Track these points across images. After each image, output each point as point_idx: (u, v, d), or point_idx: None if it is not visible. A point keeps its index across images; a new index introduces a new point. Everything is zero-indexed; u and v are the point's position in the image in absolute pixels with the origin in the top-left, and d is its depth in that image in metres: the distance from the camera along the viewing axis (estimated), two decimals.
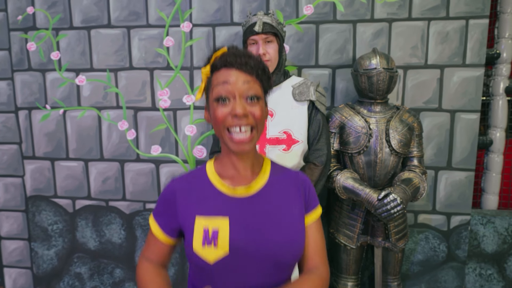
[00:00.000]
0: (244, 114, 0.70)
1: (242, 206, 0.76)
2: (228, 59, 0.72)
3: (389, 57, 1.45)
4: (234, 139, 0.71)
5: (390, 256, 1.55)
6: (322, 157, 1.37)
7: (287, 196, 0.80)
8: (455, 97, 1.68)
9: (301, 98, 1.37)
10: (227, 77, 0.71)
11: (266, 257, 0.74)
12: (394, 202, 1.30)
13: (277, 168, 0.84)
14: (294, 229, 0.78)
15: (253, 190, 0.78)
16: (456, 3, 1.62)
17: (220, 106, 0.71)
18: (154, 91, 1.86)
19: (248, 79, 0.71)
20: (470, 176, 1.72)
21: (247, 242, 0.73)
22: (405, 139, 1.46)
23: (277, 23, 1.35)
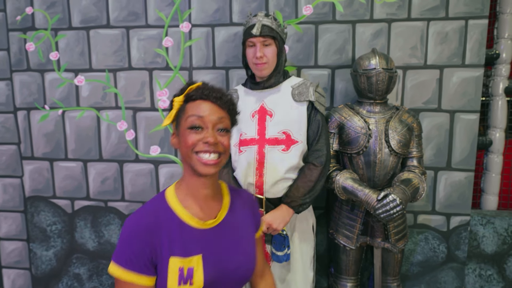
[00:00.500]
0: (215, 143, 0.77)
1: (212, 238, 0.80)
2: (205, 92, 0.79)
3: (389, 58, 1.44)
4: (203, 161, 0.77)
5: (390, 257, 1.54)
6: (321, 157, 1.37)
7: (245, 220, 0.87)
8: (455, 97, 1.68)
9: (300, 98, 1.36)
10: (203, 108, 0.78)
11: (236, 282, 0.81)
12: (394, 202, 1.29)
13: (233, 191, 0.90)
14: (253, 249, 0.87)
15: (219, 219, 0.82)
16: (456, 4, 1.62)
17: (193, 133, 0.77)
18: (153, 92, 1.85)
19: (221, 114, 0.80)
20: (469, 177, 1.72)
21: (220, 274, 0.78)
22: (405, 139, 1.46)
23: (277, 25, 1.34)
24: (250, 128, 1.38)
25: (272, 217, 1.31)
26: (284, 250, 1.35)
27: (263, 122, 1.37)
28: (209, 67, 1.80)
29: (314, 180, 1.35)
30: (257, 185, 1.36)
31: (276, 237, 1.35)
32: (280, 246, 1.35)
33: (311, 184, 1.34)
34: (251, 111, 1.40)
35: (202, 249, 0.77)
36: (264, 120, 1.37)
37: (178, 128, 0.81)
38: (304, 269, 1.42)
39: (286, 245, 1.35)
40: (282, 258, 1.35)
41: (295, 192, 1.33)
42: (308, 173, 1.36)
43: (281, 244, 1.35)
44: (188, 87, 0.81)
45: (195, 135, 0.77)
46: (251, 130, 1.38)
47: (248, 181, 1.38)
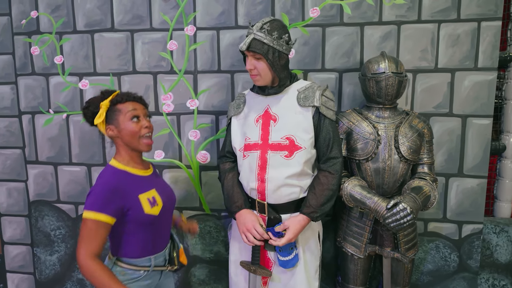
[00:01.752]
0: (150, 126, 1.22)
1: (154, 179, 1.27)
2: (130, 95, 1.21)
3: (398, 61, 1.40)
4: (147, 143, 1.21)
5: (399, 266, 1.50)
6: (336, 165, 1.33)
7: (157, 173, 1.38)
8: (467, 101, 1.63)
9: (305, 103, 1.31)
10: (134, 106, 1.20)
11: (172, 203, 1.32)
12: (404, 211, 1.25)
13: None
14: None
15: (151, 170, 1.31)
16: (468, 5, 1.57)
17: (134, 123, 1.17)
18: (158, 96, 1.83)
19: (143, 107, 1.24)
20: (482, 183, 1.66)
21: (167, 197, 1.27)
22: (415, 145, 1.41)
23: (272, 38, 1.24)
24: (254, 133, 1.35)
25: (293, 233, 1.28)
26: (292, 252, 1.31)
27: (267, 127, 1.34)
28: (214, 70, 1.77)
29: (332, 189, 1.31)
30: (259, 191, 1.34)
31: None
32: (288, 249, 1.31)
33: (329, 192, 1.30)
34: (256, 115, 1.37)
35: (153, 185, 1.24)
36: (268, 125, 1.34)
37: (114, 122, 1.18)
38: (308, 279, 1.37)
39: (293, 246, 1.31)
40: (292, 262, 1.31)
41: (314, 202, 1.29)
42: (324, 181, 1.31)
43: (289, 247, 1.31)
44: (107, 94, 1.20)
45: (136, 124, 1.17)
46: (255, 135, 1.35)
47: (251, 186, 1.36)
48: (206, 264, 1.92)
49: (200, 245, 1.91)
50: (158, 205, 1.20)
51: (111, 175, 1.17)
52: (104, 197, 1.10)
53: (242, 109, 1.43)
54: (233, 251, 1.48)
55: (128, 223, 1.16)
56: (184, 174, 1.86)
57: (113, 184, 1.13)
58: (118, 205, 1.12)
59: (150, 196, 1.19)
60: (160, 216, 1.21)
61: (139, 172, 1.22)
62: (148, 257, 1.21)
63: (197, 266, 1.93)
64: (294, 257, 1.31)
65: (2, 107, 1.98)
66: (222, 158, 1.51)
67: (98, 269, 1.07)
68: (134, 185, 1.18)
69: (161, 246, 1.26)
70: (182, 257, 1.34)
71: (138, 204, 1.15)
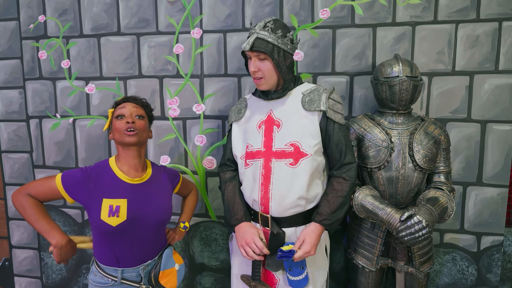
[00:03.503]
0: (132, 122, 1.19)
1: (137, 190, 1.21)
2: (125, 98, 1.27)
3: (413, 64, 1.33)
4: (127, 134, 1.18)
5: (413, 280, 1.42)
6: (351, 170, 1.26)
7: (161, 182, 1.31)
8: (486, 106, 1.54)
9: (310, 107, 1.23)
10: (124, 105, 1.23)
11: (155, 220, 1.22)
12: (419, 225, 1.17)
13: (154, 166, 1.34)
14: (169, 200, 1.31)
15: (143, 180, 1.24)
16: (488, 4, 1.48)
17: (118, 120, 1.20)
18: (164, 100, 1.80)
19: (136, 106, 1.24)
20: (503, 193, 1.56)
21: (140, 212, 1.18)
22: (431, 153, 1.33)
23: (277, 37, 1.18)
24: (256, 140, 1.28)
25: (310, 244, 1.19)
26: (303, 272, 1.24)
27: (270, 133, 1.26)
28: (220, 74, 1.73)
29: (345, 195, 1.24)
30: (262, 203, 1.25)
31: (291, 261, 1.22)
32: (299, 268, 1.24)
33: (342, 199, 1.23)
34: (258, 121, 1.29)
35: (127, 195, 1.18)
36: (271, 131, 1.26)
37: (111, 125, 1.23)
38: None
39: (304, 266, 1.24)
40: (303, 282, 1.24)
41: (326, 209, 1.22)
42: (338, 187, 1.24)
43: (300, 266, 1.24)
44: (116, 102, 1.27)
45: (118, 121, 1.20)
46: (257, 141, 1.27)
47: (253, 197, 1.27)
48: (212, 272, 1.87)
49: (206, 253, 1.86)
50: (119, 217, 1.14)
51: (95, 167, 1.21)
52: (75, 179, 1.16)
53: (243, 114, 1.36)
54: (234, 265, 1.40)
55: (90, 220, 1.18)
56: (189, 178, 1.82)
57: (90, 174, 1.18)
58: (79, 194, 1.16)
59: (115, 204, 1.15)
60: (118, 230, 1.14)
61: (123, 176, 1.20)
62: (114, 267, 1.20)
63: (203, 274, 1.88)
64: (305, 277, 1.24)
65: (10, 112, 1.98)
66: (223, 167, 1.44)
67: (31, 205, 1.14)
68: (107, 187, 1.17)
69: (131, 263, 1.21)
70: (165, 280, 1.25)
71: (98, 206, 1.14)
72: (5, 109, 1.98)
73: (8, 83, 1.96)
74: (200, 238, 1.86)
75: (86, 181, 1.16)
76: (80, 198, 1.16)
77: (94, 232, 1.20)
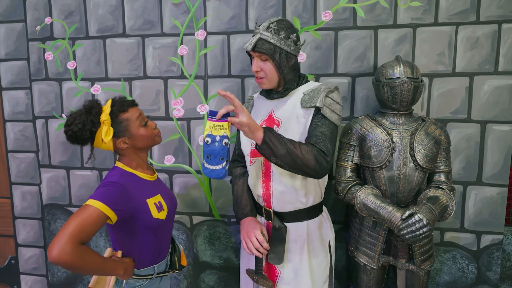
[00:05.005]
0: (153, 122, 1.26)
1: (159, 184, 1.29)
2: (127, 102, 1.18)
3: (414, 66, 1.35)
4: (159, 135, 1.25)
5: (414, 278, 1.44)
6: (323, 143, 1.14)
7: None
8: (486, 107, 1.56)
9: (307, 104, 1.22)
10: (135, 110, 1.19)
11: (174, 207, 1.31)
12: (420, 223, 1.19)
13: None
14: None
15: (156, 175, 1.31)
16: (488, 6, 1.51)
17: (144, 128, 1.19)
18: (168, 100, 1.83)
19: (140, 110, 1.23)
20: (502, 192, 1.59)
21: (170, 202, 1.28)
22: (431, 153, 1.36)
23: (280, 38, 1.18)
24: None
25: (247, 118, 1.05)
26: (222, 163, 1.10)
27: None
28: (224, 75, 1.76)
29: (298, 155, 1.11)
30: (265, 198, 1.31)
31: (212, 146, 1.09)
32: (218, 159, 1.10)
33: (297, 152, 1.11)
34: (260, 120, 1.32)
35: (158, 190, 1.24)
36: None
37: (125, 133, 1.15)
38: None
39: (224, 158, 1.10)
40: (219, 173, 1.11)
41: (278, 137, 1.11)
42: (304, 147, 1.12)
43: (219, 157, 1.09)
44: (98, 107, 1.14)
45: (146, 128, 1.19)
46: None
47: (257, 193, 1.34)
48: (216, 270, 1.90)
49: (209, 251, 1.89)
50: (164, 210, 1.21)
51: (120, 176, 1.14)
52: (114, 194, 1.06)
53: (250, 113, 1.40)
54: (243, 257, 1.46)
55: (136, 228, 1.14)
56: (194, 180, 1.85)
57: (123, 184, 1.10)
58: (126, 207, 1.08)
59: (157, 200, 1.19)
60: (165, 221, 1.22)
61: (146, 176, 1.22)
62: (152, 266, 1.21)
63: (207, 272, 1.91)
64: (222, 169, 1.11)
65: (17, 112, 2.01)
66: (234, 162, 1.49)
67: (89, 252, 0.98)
68: (142, 189, 1.17)
69: (164, 253, 1.27)
70: (182, 260, 1.35)
71: (146, 208, 1.15)
72: (12, 109, 2.01)
73: (14, 84, 1.99)
74: (204, 237, 1.88)
75: (125, 192, 1.09)
76: (127, 210, 1.09)
77: (141, 236, 1.14)
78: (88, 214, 0.99)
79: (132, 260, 1.18)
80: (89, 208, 1.00)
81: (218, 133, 1.08)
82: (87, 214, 0.99)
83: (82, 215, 0.98)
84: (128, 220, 1.11)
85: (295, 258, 1.31)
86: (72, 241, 0.93)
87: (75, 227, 0.95)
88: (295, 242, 1.31)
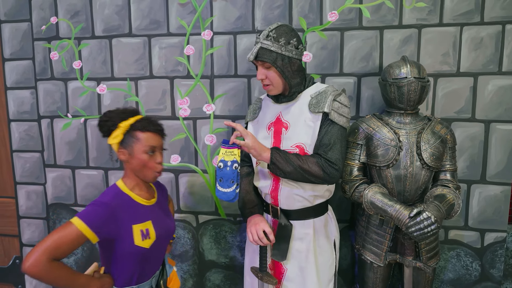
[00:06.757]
0: (162, 161, 1.21)
1: (155, 210, 1.23)
2: (152, 126, 1.16)
3: (421, 66, 1.37)
4: (155, 176, 1.19)
5: (420, 275, 1.46)
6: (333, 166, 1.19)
7: (162, 197, 1.34)
8: (490, 106, 1.58)
9: (315, 109, 1.25)
10: (155, 139, 1.17)
11: (169, 235, 1.28)
12: (428, 220, 1.21)
13: (155, 184, 1.35)
14: (171, 216, 1.34)
15: (155, 200, 1.26)
16: (492, 7, 1.53)
17: (148, 156, 1.15)
18: (174, 100, 1.84)
19: (162, 141, 1.21)
20: (506, 191, 1.61)
21: (163, 230, 1.22)
22: (438, 152, 1.38)
23: (280, 45, 1.20)
24: (266, 141, 1.32)
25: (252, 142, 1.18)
26: (233, 186, 1.20)
27: (279, 135, 1.31)
28: (230, 75, 1.77)
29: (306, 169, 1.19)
30: (272, 196, 1.33)
31: (224, 170, 1.20)
32: (229, 182, 1.20)
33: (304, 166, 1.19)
34: (268, 123, 1.35)
35: (150, 217, 1.19)
36: (279, 132, 1.31)
37: (128, 148, 1.15)
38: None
39: (235, 181, 1.20)
40: (229, 196, 1.20)
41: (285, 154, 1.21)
42: (310, 160, 1.20)
43: (230, 180, 1.19)
44: (129, 114, 1.17)
45: (150, 157, 1.16)
46: (267, 143, 1.32)
47: (265, 191, 1.36)
48: (221, 269, 1.91)
49: (215, 250, 1.90)
50: (150, 239, 1.15)
51: (113, 196, 1.14)
52: (101, 216, 1.07)
53: (257, 115, 1.42)
54: (248, 255, 1.48)
55: (116, 251, 1.12)
56: (200, 179, 1.86)
57: (113, 206, 1.10)
58: (109, 229, 1.08)
59: (144, 228, 1.15)
60: (150, 250, 1.16)
61: (141, 200, 1.19)
62: (130, 286, 1.17)
63: (212, 271, 1.92)
64: (233, 192, 1.20)
65: (22, 111, 2.01)
66: (241, 162, 1.50)
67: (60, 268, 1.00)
68: (132, 213, 1.14)
69: (148, 276, 1.22)
70: (172, 283, 1.31)
71: (129, 233, 1.12)
72: (17, 109, 2.01)
73: (20, 83, 1.99)
74: (210, 236, 1.89)
75: (112, 215, 1.09)
76: (110, 232, 1.08)
77: (121, 260, 1.14)
78: (67, 232, 1.01)
79: (111, 278, 1.15)
80: (70, 226, 1.02)
81: (229, 158, 1.19)
82: (67, 232, 1.01)
83: (61, 232, 1.01)
84: (109, 242, 1.11)
85: (301, 256, 1.33)
86: (45, 256, 0.97)
87: (52, 243, 0.99)
88: (301, 240, 1.33)
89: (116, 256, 1.13)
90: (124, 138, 1.15)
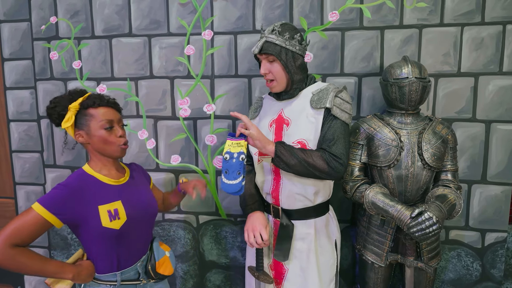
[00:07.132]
0: (124, 134, 1.17)
1: (125, 189, 1.18)
2: (103, 100, 1.14)
3: (422, 66, 1.37)
4: (122, 148, 1.15)
5: (421, 275, 1.46)
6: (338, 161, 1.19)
7: (139, 178, 1.30)
8: (491, 106, 1.58)
9: (317, 105, 1.25)
10: (109, 113, 1.13)
11: (150, 215, 1.24)
12: (430, 221, 1.21)
13: (127, 165, 1.32)
14: (151, 194, 1.29)
15: (126, 178, 1.21)
16: (493, 8, 1.53)
17: (108, 132, 1.12)
18: (175, 100, 1.83)
19: (119, 114, 1.18)
20: (506, 191, 1.61)
21: (136, 209, 1.17)
22: (439, 152, 1.37)
23: (284, 39, 1.22)
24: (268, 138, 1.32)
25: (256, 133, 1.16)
26: (239, 178, 1.16)
27: (280, 131, 1.31)
28: (231, 75, 1.76)
29: (310, 162, 1.18)
30: (273, 195, 1.33)
31: (230, 162, 1.17)
32: (235, 174, 1.16)
33: (309, 160, 1.18)
34: (270, 120, 1.34)
35: (120, 197, 1.14)
36: (281, 129, 1.31)
37: (85, 128, 1.11)
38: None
39: (241, 172, 1.16)
40: (235, 188, 1.16)
41: (290, 148, 1.20)
42: (315, 154, 1.19)
43: (237, 171, 1.16)
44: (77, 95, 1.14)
45: (109, 133, 1.12)
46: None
47: (266, 190, 1.35)
48: (222, 269, 1.91)
49: (216, 250, 1.90)
50: (120, 219, 1.10)
51: (75, 178, 1.09)
52: (60, 198, 1.03)
53: (258, 113, 1.42)
54: (249, 255, 1.47)
55: (85, 234, 1.09)
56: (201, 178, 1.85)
57: (74, 188, 1.06)
58: (72, 212, 1.04)
59: (112, 208, 1.10)
60: (122, 231, 1.11)
61: (108, 180, 1.14)
62: (113, 273, 1.14)
63: (213, 271, 1.92)
64: (239, 183, 1.16)
65: (21, 112, 2.00)
66: None
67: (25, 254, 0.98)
68: (97, 194, 1.10)
69: (131, 262, 1.18)
70: (162, 268, 1.25)
71: (96, 215, 1.07)
72: (16, 109, 2.00)
73: (19, 83, 1.98)
74: (210, 236, 1.89)
75: (72, 196, 1.05)
76: (73, 215, 1.05)
77: (93, 243, 1.11)
78: (28, 218, 1.00)
79: (92, 265, 1.13)
80: (30, 211, 1.01)
81: (236, 150, 1.17)
82: (27, 218, 1.00)
83: (22, 218, 1.00)
84: (76, 226, 1.08)
85: (302, 256, 1.32)
86: (5, 242, 0.96)
87: (12, 230, 0.98)
88: (303, 240, 1.32)
89: (85, 239, 1.10)
90: (77, 119, 1.11)
